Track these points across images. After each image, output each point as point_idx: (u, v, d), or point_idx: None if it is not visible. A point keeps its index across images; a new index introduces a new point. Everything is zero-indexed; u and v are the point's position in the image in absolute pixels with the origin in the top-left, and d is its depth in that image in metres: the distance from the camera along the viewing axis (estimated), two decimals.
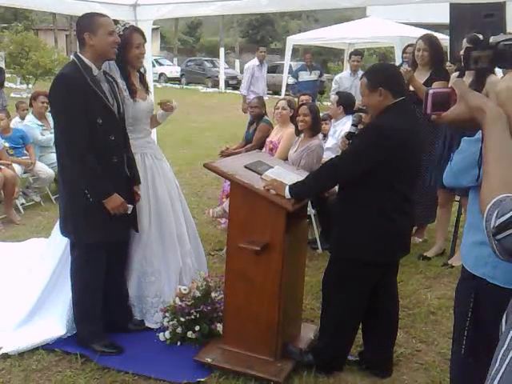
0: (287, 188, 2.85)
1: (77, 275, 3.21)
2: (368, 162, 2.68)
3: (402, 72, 4.72)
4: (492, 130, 1.25)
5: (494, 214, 1.13)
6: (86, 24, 2.99)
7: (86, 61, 2.98)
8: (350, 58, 9.01)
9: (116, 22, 3.40)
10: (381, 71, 2.90)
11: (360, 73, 8.04)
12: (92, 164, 2.93)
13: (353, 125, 3.06)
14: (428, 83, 4.79)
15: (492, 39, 1.67)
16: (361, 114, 3.08)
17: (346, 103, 5.56)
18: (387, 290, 3.08)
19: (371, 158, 2.67)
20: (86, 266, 3.17)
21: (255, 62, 10.16)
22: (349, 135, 3.02)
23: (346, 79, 8.80)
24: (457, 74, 4.44)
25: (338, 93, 6.03)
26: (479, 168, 1.72)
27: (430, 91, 1.44)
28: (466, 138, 1.89)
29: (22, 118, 6.80)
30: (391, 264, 3.01)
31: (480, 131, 1.78)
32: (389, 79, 2.77)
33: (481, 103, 1.30)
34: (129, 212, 3.10)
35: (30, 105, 6.70)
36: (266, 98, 9.05)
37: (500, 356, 1.13)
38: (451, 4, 4.49)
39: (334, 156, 5.39)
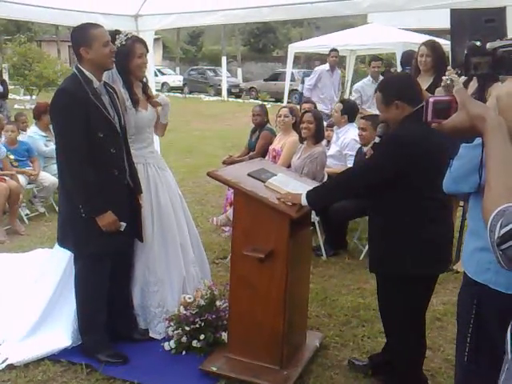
0: (304, 195, 2.84)
1: (80, 285, 3.21)
2: (388, 172, 2.64)
3: None
4: (493, 139, 1.24)
5: (498, 224, 1.12)
6: (81, 38, 3.00)
7: (87, 73, 3.00)
8: (369, 64, 8.80)
9: (118, 32, 3.42)
10: (394, 84, 2.86)
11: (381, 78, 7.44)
12: (89, 179, 2.93)
13: (378, 135, 3.04)
14: (431, 89, 4.78)
15: (489, 45, 1.67)
16: (386, 124, 3.05)
17: (350, 112, 5.59)
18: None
19: (391, 168, 2.64)
20: (89, 276, 3.17)
21: (325, 66, 9.52)
22: (374, 146, 3.00)
23: (368, 87, 8.60)
24: (464, 78, 4.41)
25: (342, 101, 6.02)
26: (480, 175, 1.71)
27: (431, 99, 1.43)
28: (464, 143, 1.88)
29: (23, 130, 6.83)
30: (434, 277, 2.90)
31: (478, 137, 1.78)
32: (403, 91, 2.74)
33: (482, 112, 1.29)
34: (121, 229, 3.08)
35: (36, 117, 6.72)
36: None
37: None
38: (451, 9, 4.49)
39: (336, 163, 5.43)
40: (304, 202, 2.84)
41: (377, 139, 3.03)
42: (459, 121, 1.34)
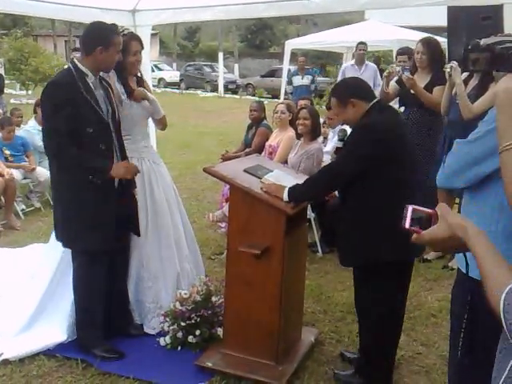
0: (286, 191, 2.85)
1: (79, 282, 3.21)
2: (362, 161, 2.67)
3: (403, 79, 4.75)
4: (478, 242, 1.24)
5: None
6: (102, 38, 3.01)
7: (83, 68, 3.01)
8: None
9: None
10: (344, 85, 2.98)
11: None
12: (76, 154, 2.94)
13: (339, 140, 3.07)
14: (428, 87, 4.80)
15: (483, 42, 1.68)
16: (345, 128, 3.09)
17: None
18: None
19: (364, 156, 2.66)
20: (87, 273, 3.17)
21: (350, 62, 9.44)
22: (337, 151, 3.03)
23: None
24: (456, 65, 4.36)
25: None
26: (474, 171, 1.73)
27: (410, 207, 1.41)
28: (458, 139, 1.89)
29: (17, 125, 6.82)
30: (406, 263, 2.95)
31: (473, 133, 1.80)
32: (355, 89, 2.83)
33: (461, 221, 1.31)
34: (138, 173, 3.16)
35: (34, 111, 6.73)
36: None
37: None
38: (449, 7, 4.49)
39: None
40: (286, 198, 2.85)
41: (339, 143, 3.05)
42: (439, 232, 1.34)
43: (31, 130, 6.62)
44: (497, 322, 1.18)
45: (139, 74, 3.63)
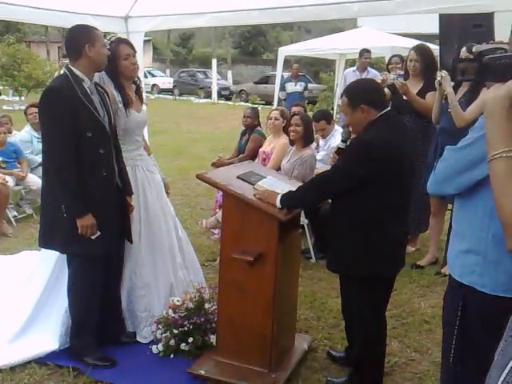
0: (279, 198, 2.85)
1: (74, 289, 3.19)
2: (357, 177, 2.65)
3: (396, 85, 4.77)
4: None
5: None
6: (86, 36, 3.02)
7: (78, 73, 3.00)
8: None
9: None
10: (359, 88, 2.87)
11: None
12: (73, 180, 2.92)
13: (342, 140, 3.05)
14: (421, 93, 4.82)
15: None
16: (350, 129, 3.06)
17: (326, 117, 5.67)
18: None
19: (360, 173, 2.63)
20: (82, 279, 3.15)
21: (352, 68, 9.46)
22: (338, 151, 3.02)
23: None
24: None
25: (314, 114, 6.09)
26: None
27: None
28: (449, 146, 1.89)
29: (9, 132, 6.79)
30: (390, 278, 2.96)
31: (463, 139, 1.81)
32: (369, 95, 2.76)
33: None
34: (92, 238, 3.02)
35: (27, 118, 6.74)
36: None
37: None
38: (440, 15, 4.53)
39: (324, 166, 5.47)
40: (278, 204, 2.85)
41: (341, 144, 3.05)
42: None
43: (27, 135, 6.62)
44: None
45: (138, 82, 3.62)
